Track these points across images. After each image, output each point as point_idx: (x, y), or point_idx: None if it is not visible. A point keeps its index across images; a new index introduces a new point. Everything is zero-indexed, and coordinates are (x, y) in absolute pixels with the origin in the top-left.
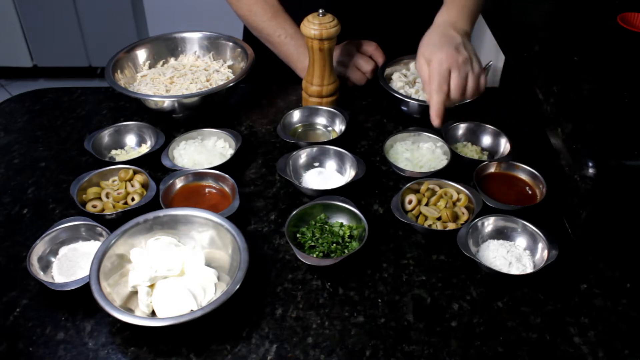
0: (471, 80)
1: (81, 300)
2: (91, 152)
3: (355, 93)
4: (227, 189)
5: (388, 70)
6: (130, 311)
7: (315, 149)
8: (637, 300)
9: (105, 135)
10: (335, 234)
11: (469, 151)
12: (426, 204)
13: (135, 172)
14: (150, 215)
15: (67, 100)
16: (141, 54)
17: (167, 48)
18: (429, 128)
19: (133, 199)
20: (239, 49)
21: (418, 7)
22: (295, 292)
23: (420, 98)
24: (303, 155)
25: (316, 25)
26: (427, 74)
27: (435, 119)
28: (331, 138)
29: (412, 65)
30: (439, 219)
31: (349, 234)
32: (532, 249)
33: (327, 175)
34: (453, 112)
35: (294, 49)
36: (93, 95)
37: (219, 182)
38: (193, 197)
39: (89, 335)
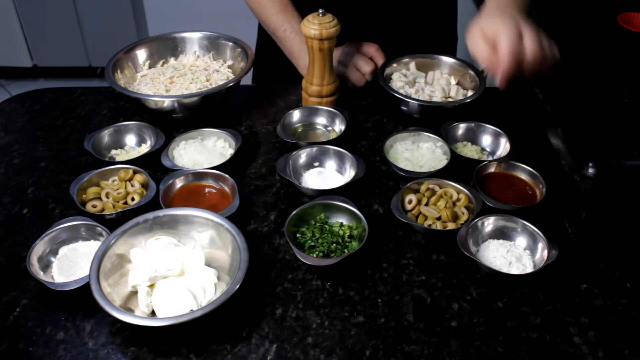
0: (545, 41)
1: (81, 300)
2: (91, 152)
3: (355, 93)
4: (227, 189)
5: (388, 70)
6: (130, 311)
7: (315, 149)
8: (637, 300)
9: (105, 135)
10: (335, 234)
11: (469, 151)
12: (426, 204)
13: (135, 172)
14: (150, 215)
15: (67, 100)
16: (141, 54)
17: (167, 48)
18: (429, 128)
19: (133, 199)
20: (239, 49)
21: (418, 7)
22: (295, 292)
23: (420, 98)
24: (303, 155)
25: (316, 25)
26: (485, 51)
27: (503, 82)
28: (331, 138)
29: (412, 65)
30: (438, 218)
31: (348, 233)
32: (532, 249)
33: (327, 175)
34: (453, 112)
35: (297, 45)
36: (93, 95)
37: (219, 182)
38: (193, 197)
39: (89, 335)
